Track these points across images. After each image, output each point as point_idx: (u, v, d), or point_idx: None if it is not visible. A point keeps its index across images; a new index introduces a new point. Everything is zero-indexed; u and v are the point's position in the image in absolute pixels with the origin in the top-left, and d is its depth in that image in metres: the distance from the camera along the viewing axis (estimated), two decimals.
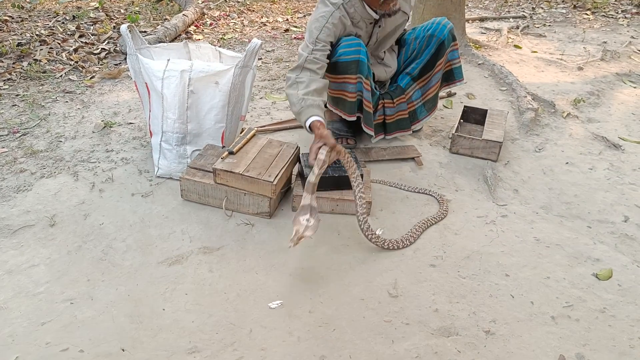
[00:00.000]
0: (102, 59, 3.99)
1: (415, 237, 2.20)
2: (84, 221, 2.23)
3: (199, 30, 4.76)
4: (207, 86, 2.40)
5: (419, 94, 2.83)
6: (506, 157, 2.84)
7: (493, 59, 4.17)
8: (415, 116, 2.88)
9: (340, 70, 2.53)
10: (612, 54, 4.51)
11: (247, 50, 2.39)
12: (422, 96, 2.82)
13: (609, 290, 1.99)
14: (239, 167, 2.24)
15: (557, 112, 3.36)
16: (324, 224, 2.27)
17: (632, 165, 2.83)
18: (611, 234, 2.31)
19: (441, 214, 2.35)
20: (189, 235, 2.18)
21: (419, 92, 2.82)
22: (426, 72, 2.76)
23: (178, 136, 2.46)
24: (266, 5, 5.71)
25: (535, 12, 5.86)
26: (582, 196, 2.55)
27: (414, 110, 2.87)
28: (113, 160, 2.66)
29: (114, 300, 1.85)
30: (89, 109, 3.19)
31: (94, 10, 5.12)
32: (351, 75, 2.53)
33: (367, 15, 2.57)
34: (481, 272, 2.05)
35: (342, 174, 2.31)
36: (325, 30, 2.47)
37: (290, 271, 2.02)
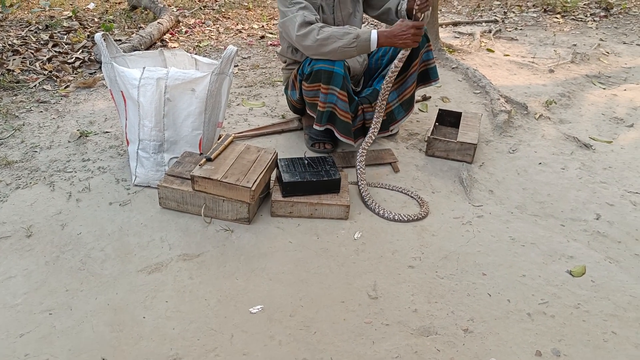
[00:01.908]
0: (77, 68, 3.96)
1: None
2: (62, 231, 2.21)
3: (174, 38, 4.75)
4: (183, 93, 2.40)
5: (395, 95, 2.86)
6: (481, 159, 2.89)
7: (466, 63, 4.24)
8: (393, 117, 2.92)
9: (315, 78, 2.56)
10: (582, 57, 4.62)
11: (223, 57, 2.40)
12: (398, 97, 2.86)
13: (582, 286, 2.04)
14: (217, 173, 2.24)
15: (529, 114, 3.43)
16: (303, 228, 2.29)
17: (602, 164, 2.90)
18: (584, 231, 2.36)
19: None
20: (168, 243, 2.17)
21: (395, 93, 2.86)
22: (401, 73, 2.80)
23: (155, 144, 2.46)
24: (241, 12, 5.72)
25: (507, 16, 5.96)
26: (555, 195, 2.61)
27: (392, 112, 2.90)
28: (90, 170, 2.64)
29: (94, 310, 1.84)
30: (64, 118, 3.17)
31: (68, 19, 5.07)
32: (323, 85, 2.55)
33: None
34: (459, 271, 2.09)
35: (320, 178, 2.34)
36: None
37: (270, 276, 2.03)
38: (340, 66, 2.53)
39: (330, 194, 2.37)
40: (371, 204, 2.42)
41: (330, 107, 2.62)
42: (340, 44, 2.44)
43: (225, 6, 5.89)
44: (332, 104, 2.61)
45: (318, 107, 2.64)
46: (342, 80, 2.55)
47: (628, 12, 6.12)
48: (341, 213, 2.34)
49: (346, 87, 2.61)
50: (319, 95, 2.61)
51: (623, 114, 3.56)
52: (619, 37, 5.30)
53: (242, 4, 6.04)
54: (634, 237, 2.33)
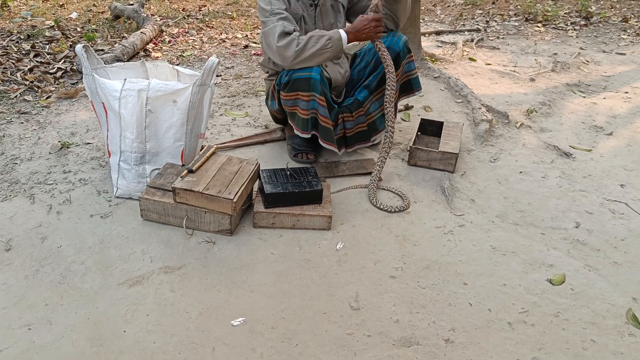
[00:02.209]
0: (59, 78, 3.93)
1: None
2: (42, 244, 2.20)
3: (158, 48, 4.74)
4: (165, 105, 2.40)
5: (377, 106, 2.89)
6: (463, 168, 2.91)
7: (449, 72, 4.28)
8: (375, 127, 2.94)
9: (293, 87, 2.58)
10: (563, 65, 4.68)
11: (204, 69, 2.40)
12: (379, 107, 2.88)
13: (562, 294, 2.06)
14: (198, 185, 2.24)
15: (510, 123, 3.47)
16: (285, 239, 2.29)
17: (582, 173, 2.93)
18: (564, 239, 2.39)
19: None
20: (149, 255, 2.16)
21: (376, 103, 2.88)
22: (383, 83, 2.82)
23: (137, 155, 2.45)
24: (225, 21, 5.73)
25: (489, 25, 6.02)
26: (536, 204, 2.64)
27: (373, 122, 2.92)
28: (71, 182, 2.62)
29: (74, 324, 1.83)
30: (45, 129, 3.15)
31: (50, 29, 5.05)
32: (303, 92, 2.58)
33: None
34: (440, 281, 2.10)
35: (303, 189, 2.34)
36: (275, 2, 2.60)
37: (252, 288, 2.02)
38: (317, 72, 2.57)
39: (313, 204, 2.37)
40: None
41: (313, 113, 2.64)
42: (318, 47, 2.51)
43: (209, 15, 5.89)
44: (315, 110, 2.63)
45: (300, 115, 2.65)
46: (320, 86, 2.59)
47: (607, 21, 6.22)
48: (323, 224, 2.34)
49: (324, 93, 2.64)
50: (298, 104, 2.63)
51: (602, 122, 3.61)
52: (599, 45, 5.38)
53: (226, 13, 6.05)
54: (612, 244, 2.36)
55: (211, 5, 6.41)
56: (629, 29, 5.93)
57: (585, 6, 6.49)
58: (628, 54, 5.16)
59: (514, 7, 6.72)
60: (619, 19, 6.27)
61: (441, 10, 6.69)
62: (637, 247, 2.36)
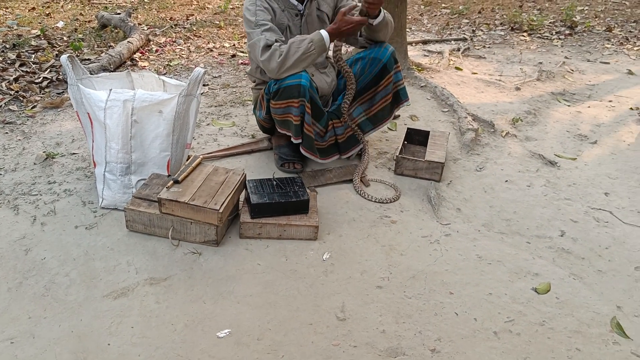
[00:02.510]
0: (44, 88, 3.91)
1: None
2: (25, 256, 2.17)
3: (145, 57, 4.73)
4: (150, 115, 2.39)
5: (361, 110, 2.92)
6: (449, 177, 2.92)
7: (435, 81, 4.31)
8: (360, 129, 2.96)
9: (284, 95, 2.58)
10: (548, 74, 4.72)
11: (190, 79, 2.40)
12: (364, 112, 2.92)
13: (547, 303, 2.07)
14: (184, 196, 2.23)
15: (496, 132, 3.49)
16: (271, 250, 2.29)
17: (567, 181, 2.96)
18: (549, 248, 2.41)
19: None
20: (135, 267, 2.15)
21: (360, 108, 2.91)
22: (366, 91, 2.85)
23: (122, 166, 2.44)
24: (213, 30, 5.73)
25: (476, 35, 6.08)
26: (521, 213, 2.65)
27: (358, 125, 2.95)
28: (56, 192, 2.60)
29: (57, 337, 1.81)
30: (30, 139, 3.12)
31: (36, 38, 5.02)
32: (294, 99, 2.58)
33: (290, 4, 2.73)
34: (426, 291, 2.10)
35: (289, 199, 2.34)
36: (260, 13, 2.63)
37: (238, 299, 2.02)
38: (306, 78, 2.58)
39: (299, 214, 2.37)
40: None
41: (302, 119, 2.66)
42: (300, 52, 2.52)
43: (196, 25, 5.89)
44: (302, 115, 2.65)
45: (292, 121, 2.65)
46: (308, 93, 2.60)
47: (592, 30, 6.30)
48: (310, 234, 2.34)
49: (313, 99, 2.66)
50: (290, 111, 2.63)
51: (587, 130, 3.65)
52: (583, 54, 5.44)
53: (213, 22, 6.05)
54: (597, 253, 2.38)
55: (199, 14, 6.41)
56: (612, 38, 6.01)
57: (570, 16, 6.57)
58: (612, 62, 5.22)
59: (499, 16, 6.78)
60: (602, 29, 6.35)
61: (428, 19, 6.74)
62: (621, 255, 2.38)
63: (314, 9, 2.80)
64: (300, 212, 2.38)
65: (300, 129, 2.68)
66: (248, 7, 2.66)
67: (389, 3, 4.09)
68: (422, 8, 7.31)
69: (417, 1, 7.66)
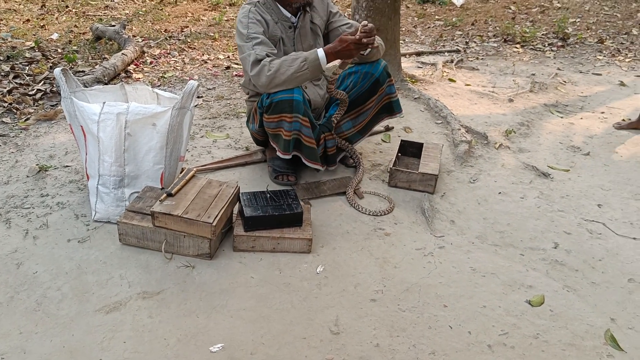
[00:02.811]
0: (38, 100, 3.90)
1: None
2: (17, 270, 2.16)
3: (139, 69, 4.74)
4: (144, 128, 2.39)
5: (350, 125, 2.94)
6: (442, 189, 2.93)
7: (429, 93, 4.33)
8: (349, 142, 3.00)
9: (276, 109, 2.59)
10: (540, 86, 4.75)
11: (184, 92, 2.40)
12: (353, 127, 2.95)
13: (541, 316, 2.07)
14: (177, 209, 2.23)
15: (489, 144, 3.51)
16: (265, 263, 2.28)
17: (560, 193, 2.97)
18: (542, 260, 2.41)
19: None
20: (127, 280, 2.14)
21: (350, 123, 2.93)
22: (357, 106, 2.86)
23: (115, 179, 2.43)
24: (207, 42, 5.74)
25: (469, 46, 6.11)
26: (515, 225, 2.66)
27: (347, 138, 2.98)
28: (48, 205, 2.59)
29: (49, 353, 1.80)
30: (23, 152, 3.12)
31: (30, 50, 5.02)
32: (287, 114, 2.58)
33: (284, 17, 2.74)
34: (420, 304, 2.10)
35: (283, 212, 2.34)
36: (253, 26, 2.63)
37: (231, 313, 2.01)
38: (299, 93, 2.58)
39: (293, 227, 2.37)
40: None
41: (295, 135, 2.65)
42: (292, 70, 2.50)
43: (191, 36, 5.91)
44: (297, 131, 2.64)
45: (284, 136, 2.65)
46: (302, 107, 2.59)
47: (584, 42, 6.34)
48: (304, 247, 2.34)
49: (307, 113, 2.65)
50: (282, 126, 2.63)
51: (580, 142, 3.67)
52: (576, 66, 5.48)
53: (208, 34, 6.07)
54: (590, 265, 2.39)
55: (193, 26, 6.42)
56: (604, 50, 6.06)
57: (562, 28, 6.62)
58: (604, 74, 5.26)
59: (492, 28, 6.83)
60: (594, 40, 6.41)
61: (421, 31, 6.78)
62: (614, 267, 2.38)
63: (307, 22, 2.81)
64: (294, 224, 2.37)
65: (290, 145, 2.68)
66: (241, 19, 2.67)
67: (383, 16, 4.11)
68: (415, 20, 7.36)
69: (410, 13, 7.71)
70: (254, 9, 2.67)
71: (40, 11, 6.75)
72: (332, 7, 2.91)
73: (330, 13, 2.89)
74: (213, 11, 7.30)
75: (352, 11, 4.28)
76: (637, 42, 6.47)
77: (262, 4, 2.71)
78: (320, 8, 2.86)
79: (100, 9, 7.09)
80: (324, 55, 2.53)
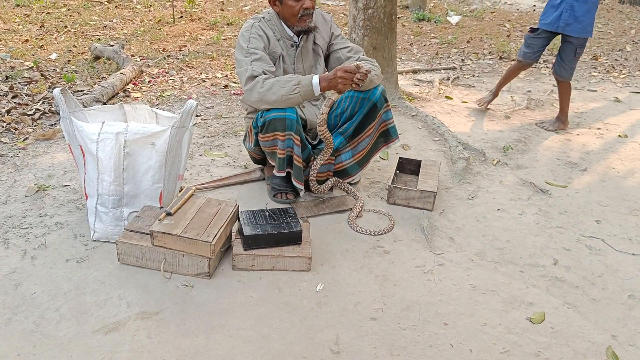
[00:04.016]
0: (37, 119, 3.91)
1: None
2: (15, 291, 2.15)
3: (137, 88, 4.76)
4: (143, 147, 2.40)
5: (350, 155, 2.93)
6: (441, 206, 2.93)
7: (426, 110, 4.35)
8: (347, 173, 2.99)
9: (270, 128, 2.60)
10: (536, 102, 4.79)
11: (182, 111, 2.41)
12: (353, 157, 2.93)
13: (542, 333, 2.06)
14: (176, 228, 2.22)
15: (487, 160, 3.52)
16: (265, 281, 2.27)
17: (558, 209, 2.97)
18: (542, 277, 2.41)
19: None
20: (126, 301, 2.12)
21: (350, 153, 2.92)
22: (359, 133, 2.86)
23: (114, 198, 2.43)
24: (205, 61, 5.78)
25: (465, 64, 6.16)
26: (514, 241, 2.66)
27: (345, 169, 2.97)
28: (47, 225, 2.58)
29: None
30: (21, 172, 3.11)
31: (29, 70, 5.04)
32: (280, 132, 2.60)
33: (287, 35, 2.76)
34: (421, 322, 2.09)
35: (282, 231, 2.34)
36: (254, 41, 2.65)
37: (231, 332, 1.99)
38: (292, 112, 2.59)
39: (292, 245, 2.36)
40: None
41: (289, 152, 2.67)
42: (283, 92, 2.51)
43: (189, 55, 5.94)
44: (290, 149, 2.66)
45: (277, 154, 2.66)
46: (295, 125, 2.60)
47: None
48: (303, 265, 2.33)
49: (299, 132, 2.66)
50: (276, 144, 2.64)
51: (577, 158, 3.69)
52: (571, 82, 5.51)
53: (206, 53, 6.11)
54: (590, 281, 2.38)
55: (191, 45, 6.47)
56: (599, 67, 6.12)
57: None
58: (599, 90, 5.31)
59: (488, 46, 6.89)
60: (589, 57, 6.46)
61: (417, 49, 6.83)
62: (614, 283, 2.38)
63: (310, 42, 2.84)
64: (293, 243, 2.37)
65: (284, 162, 2.69)
66: (243, 33, 2.70)
67: (380, 35, 4.15)
68: (411, 38, 7.42)
69: (406, 31, 7.78)
70: (257, 24, 2.71)
71: (39, 31, 6.79)
72: (336, 29, 2.93)
73: (332, 35, 2.91)
74: (211, 30, 7.35)
75: (349, 30, 4.32)
76: (631, 58, 6.54)
77: (266, 20, 2.75)
78: (323, 29, 2.88)
79: (99, 28, 7.13)
80: (318, 83, 2.53)
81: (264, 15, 2.77)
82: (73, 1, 8.78)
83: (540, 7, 10.35)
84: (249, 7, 9.24)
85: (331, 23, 2.92)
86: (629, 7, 10.37)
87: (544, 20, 4.03)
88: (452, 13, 9.22)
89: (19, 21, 7.24)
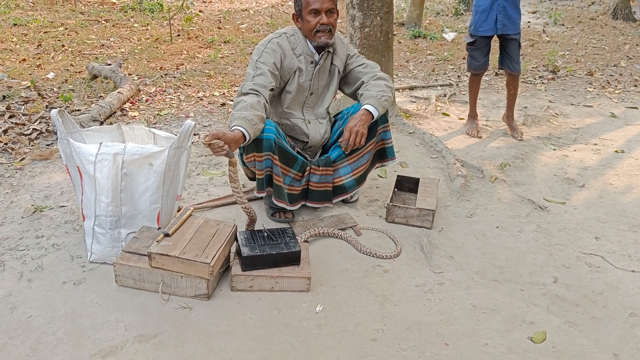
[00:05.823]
0: (34, 139, 3.91)
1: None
2: (11, 315, 2.12)
3: (135, 107, 4.76)
4: (141, 168, 2.39)
5: (349, 170, 2.92)
6: (440, 224, 2.92)
7: (423, 127, 4.36)
8: (344, 189, 2.97)
9: (249, 149, 2.64)
10: (533, 118, 4.81)
11: (180, 132, 2.41)
12: (352, 172, 2.92)
13: (544, 352, 2.05)
14: (175, 249, 2.21)
15: (485, 177, 3.52)
16: (264, 303, 2.25)
17: (557, 226, 2.97)
18: (542, 295, 2.39)
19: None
20: (124, 324, 2.10)
21: (349, 167, 2.91)
22: (359, 148, 2.86)
23: (112, 219, 2.42)
24: (202, 80, 5.80)
25: (461, 80, 6.19)
26: (514, 259, 2.65)
27: (342, 185, 2.95)
28: (43, 247, 2.57)
29: None
30: (18, 192, 3.10)
31: (26, 90, 5.05)
32: (258, 154, 2.62)
33: (309, 51, 2.79)
34: (421, 343, 2.07)
35: (280, 251, 2.32)
36: (265, 55, 2.69)
37: (230, 355, 1.97)
38: (269, 132, 2.58)
39: (291, 266, 2.35)
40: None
41: (268, 172, 2.68)
42: (232, 115, 2.49)
43: (186, 74, 5.96)
44: (269, 168, 2.67)
45: (257, 175, 2.68)
46: (273, 145, 2.61)
47: (573, 74, 6.45)
48: (302, 285, 2.31)
49: (281, 147, 2.66)
50: (255, 165, 2.67)
51: (574, 174, 3.69)
52: (567, 98, 5.56)
53: (203, 71, 6.13)
54: (590, 299, 2.37)
55: (189, 64, 6.49)
56: (594, 82, 6.16)
57: (552, 61, 6.73)
58: (595, 106, 5.33)
59: None
60: (584, 73, 6.51)
61: (414, 65, 6.87)
62: (615, 301, 2.37)
63: (328, 62, 2.89)
64: (292, 263, 2.35)
65: (263, 183, 2.69)
66: (259, 46, 2.75)
67: (376, 53, 4.17)
68: (408, 55, 7.47)
69: (402, 48, 7.83)
70: (275, 39, 2.75)
71: (36, 50, 6.82)
72: (351, 50, 2.99)
73: (348, 56, 2.96)
74: (208, 49, 7.39)
75: None
76: (625, 73, 6.58)
77: (289, 36, 2.79)
78: (340, 51, 2.93)
79: (96, 47, 7.16)
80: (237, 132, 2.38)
81: (286, 31, 2.82)
82: (70, 20, 8.83)
83: (535, 22, 10.44)
84: (246, 26, 9.30)
85: (347, 45, 2.98)
86: (622, 23, 10.46)
87: (481, 28, 4.16)
88: (447, 30, 9.30)
89: (17, 40, 7.27)
